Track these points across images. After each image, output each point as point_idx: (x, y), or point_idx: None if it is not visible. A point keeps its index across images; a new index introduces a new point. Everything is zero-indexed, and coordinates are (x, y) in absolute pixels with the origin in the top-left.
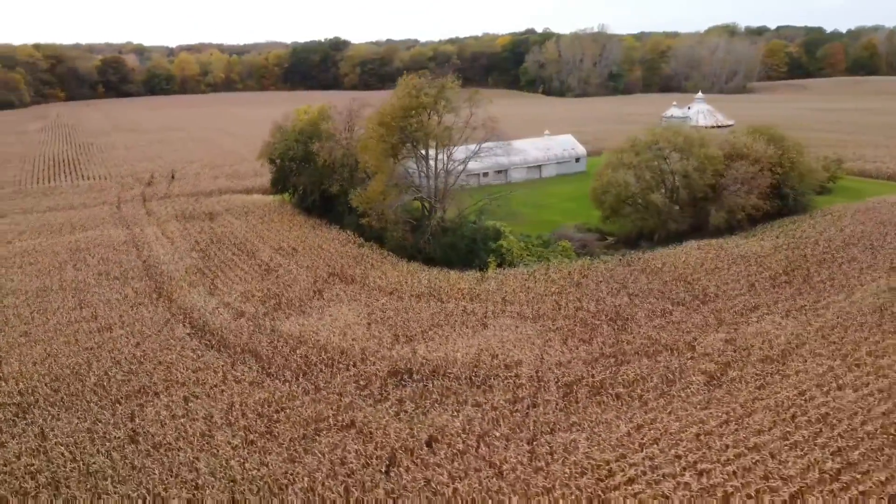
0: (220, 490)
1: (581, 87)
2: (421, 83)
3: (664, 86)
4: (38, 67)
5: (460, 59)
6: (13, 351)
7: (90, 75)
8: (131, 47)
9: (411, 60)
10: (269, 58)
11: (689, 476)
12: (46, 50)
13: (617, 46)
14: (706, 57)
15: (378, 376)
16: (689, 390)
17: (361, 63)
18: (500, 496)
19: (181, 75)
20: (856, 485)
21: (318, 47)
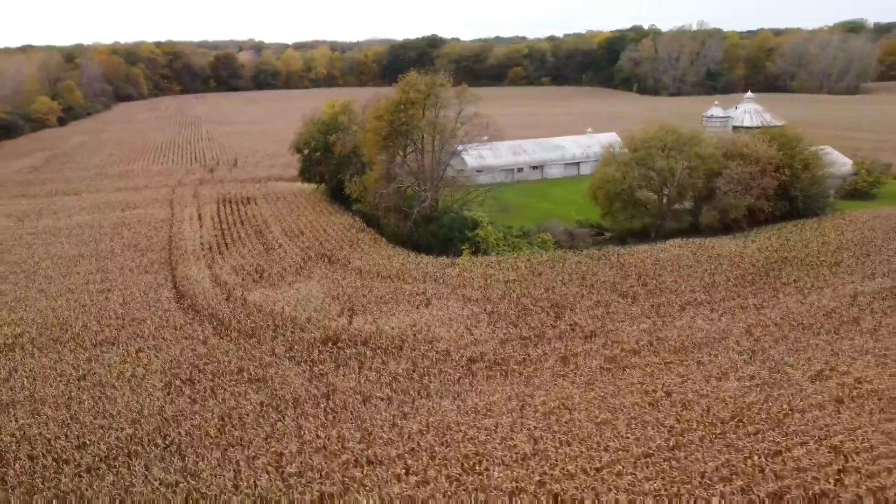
0: (128, 422)
1: (676, 85)
2: (413, 80)
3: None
4: (158, 63)
5: (555, 57)
6: (25, 303)
7: (203, 71)
8: (252, 44)
9: (505, 58)
10: (368, 54)
11: (522, 440)
12: (166, 47)
13: (718, 43)
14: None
15: (310, 341)
16: (579, 371)
17: (457, 60)
18: (349, 442)
19: (286, 71)
20: (672, 461)
21: (416, 44)
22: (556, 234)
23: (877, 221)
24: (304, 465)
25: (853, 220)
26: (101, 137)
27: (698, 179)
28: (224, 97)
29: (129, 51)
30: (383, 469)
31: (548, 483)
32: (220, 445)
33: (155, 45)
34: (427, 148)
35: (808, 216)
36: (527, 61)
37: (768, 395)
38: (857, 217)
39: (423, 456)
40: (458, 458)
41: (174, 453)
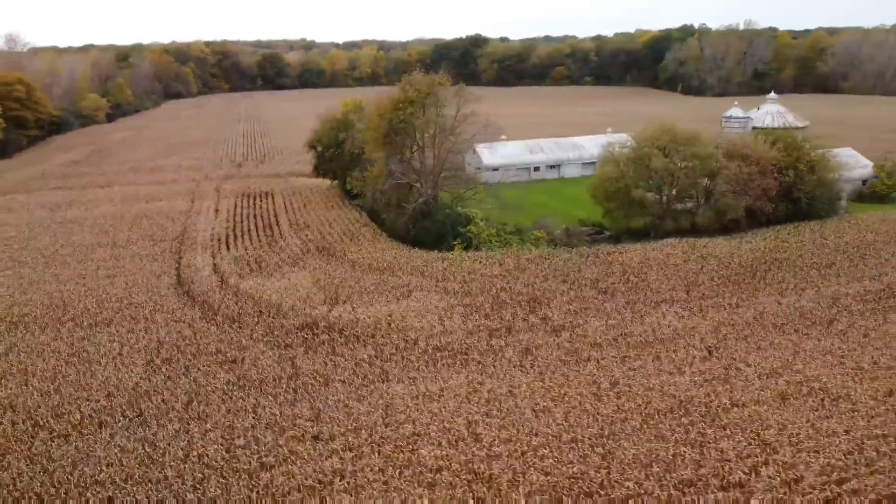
0: (103, 395)
1: (721, 85)
2: (413, 79)
3: (819, 86)
4: (207, 62)
5: (598, 57)
6: (38, 285)
7: (251, 69)
8: (303, 43)
9: (548, 57)
10: (412, 54)
11: (460, 423)
12: (215, 46)
13: (767, 43)
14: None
15: (288, 328)
16: (537, 362)
17: (499, 60)
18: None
19: (331, 70)
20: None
21: (459, 44)
22: (552, 231)
23: (883, 224)
24: (253, 438)
25: (859, 223)
26: (143, 133)
27: (696, 180)
28: (269, 95)
29: (181, 50)
30: (324, 444)
31: (472, 462)
32: (182, 419)
33: (205, 45)
34: (427, 145)
35: (813, 218)
36: (569, 61)
37: (713, 389)
38: (864, 220)
39: (363, 434)
40: (395, 438)
41: (139, 424)
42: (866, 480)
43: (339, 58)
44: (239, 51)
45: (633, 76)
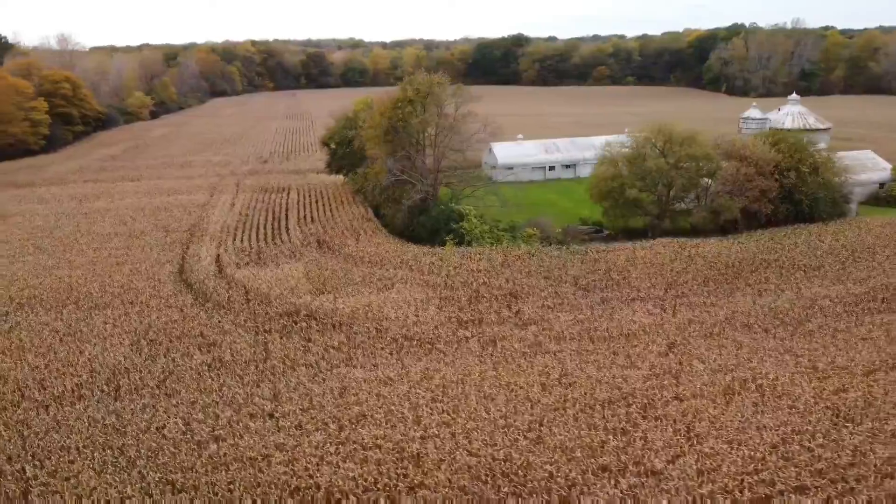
0: (87, 370)
1: (766, 86)
2: (413, 79)
3: (871, 87)
4: (253, 61)
5: (642, 56)
6: (52, 271)
7: (295, 68)
8: (351, 42)
9: (590, 57)
10: (454, 53)
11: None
12: (261, 46)
13: (815, 42)
14: None
15: (271, 315)
16: (497, 353)
17: (540, 59)
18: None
19: (374, 69)
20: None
21: (501, 43)
22: (547, 229)
23: (887, 228)
24: (212, 414)
25: (862, 226)
26: (181, 130)
27: (691, 180)
28: (311, 94)
29: (228, 50)
30: (274, 421)
31: (405, 442)
32: (154, 395)
33: (251, 44)
34: (427, 143)
35: (815, 221)
36: (612, 60)
37: (660, 383)
38: (870, 223)
39: (312, 413)
40: (341, 417)
41: (114, 398)
42: (781, 472)
43: (382, 57)
44: (284, 50)
45: (676, 76)
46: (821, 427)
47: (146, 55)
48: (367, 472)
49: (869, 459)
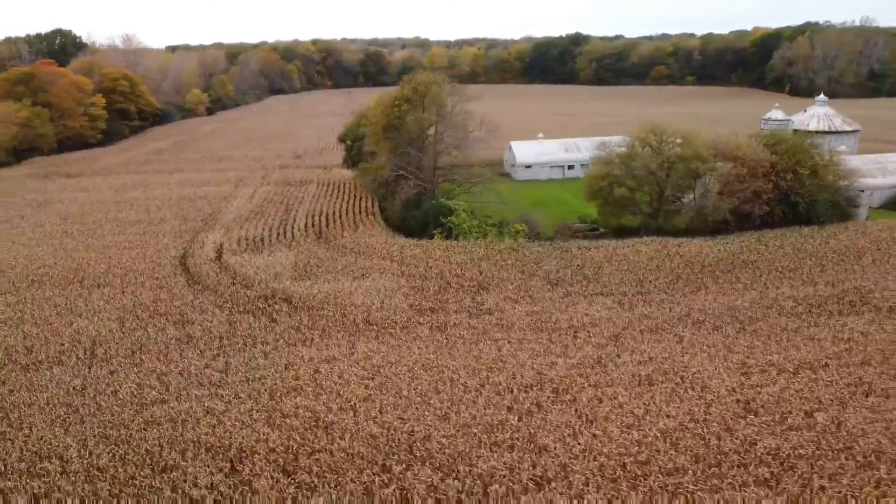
0: (69, 340)
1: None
2: (412, 78)
3: None
4: (312, 60)
5: (703, 56)
6: (68, 252)
7: (353, 67)
8: (417, 41)
9: (649, 56)
10: (511, 52)
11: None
12: (321, 45)
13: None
14: None
15: (250, 297)
16: (442, 339)
17: (598, 58)
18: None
19: (431, 67)
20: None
21: (558, 42)
22: (537, 226)
23: (886, 232)
24: (163, 380)
25: (861, 229)
26: (230, 126)
27: (682, 180)
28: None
29: (289, 49)
30: (217, 390)
31: (321, 412)
32: (121, 363)
33: (311, 43)
34: (425, 140)
35: (813, 223)
36: (671, 60)
37: (583, 372)
38: (872, 227)
39: (255, 385)
40: (275, 389)
41: (86, 365)
42: (662, 456)
43: (439, 55)
44: (344, 49)
45: (738, 76)
46: (722, 418)
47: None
48: (280, 436)
49: (755, 449)
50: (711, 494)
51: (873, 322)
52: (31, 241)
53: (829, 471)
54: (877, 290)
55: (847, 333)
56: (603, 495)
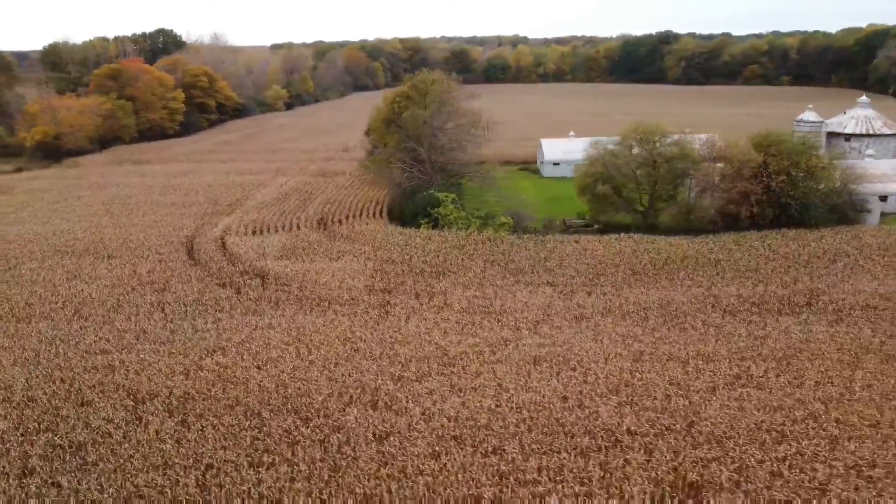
0: (61, 299)
1: None
2: (413, 77)
3: None
4: (398, 57)
5: (800, 55)
6: (99, 228)
7: (438, 64)
8: (509, 39)
9: (741, 55)
10: (599, 51)
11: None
12: (407, 43)
13: None
14: None
15: (230, 272)
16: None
17: (687, 57)
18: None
19: (516, 66)
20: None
21: (646, 41)
22: (525, 219)
23: (879, 238)
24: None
25: (848, 234)
26: (301, 121)
27: (667, 178)
28: None
29: (376, 47)
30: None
31: (238, 368)
32: (96, 321)
33: (399, 41)
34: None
35: (805, 226)
36: (766, 59)
37: (481, 350)
38: (864, 231)
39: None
40: (212, 348)
41: (67, 321)
42: (503, 423)
43: (525, 54)
44: (430, 47)
45: (838, 76)
46: (581, 395)
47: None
48: (188, 384)
49: (594, 423)
50: (525, 456)
51: (804, 323)
52: (74, 218)
53: (652, 447)
54: (828, 293)
55: (765, 332)
56: (427, 450)
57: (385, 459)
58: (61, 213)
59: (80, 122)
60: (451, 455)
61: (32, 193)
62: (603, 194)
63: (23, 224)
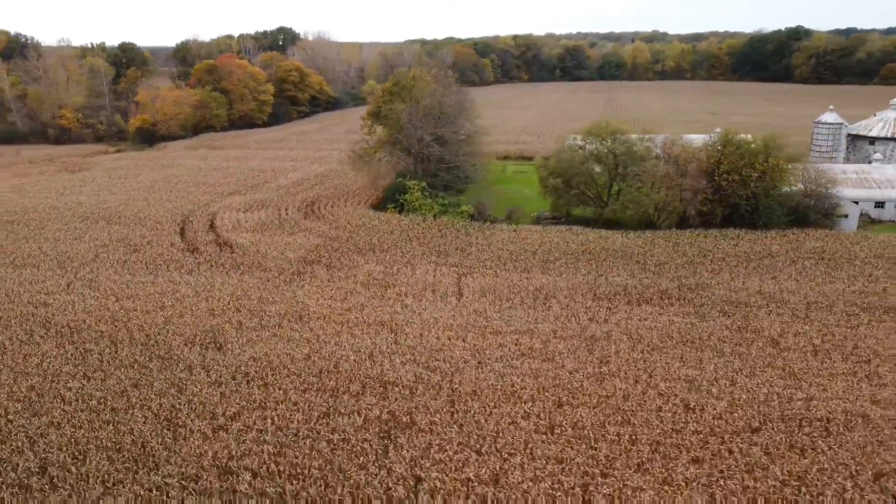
0: (56, 251)
1: None
2: (396, 74)
3: None
4: (510, 54)
5: None
6: (127, 202)
7: (550, 61)
8: (652, 35)
9: (881, 51)
10: (721, 47)
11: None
12: (520, 39)
13: None
14: None
15: (203, 239)
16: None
17: (817, 54)
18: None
19: (632, 63)
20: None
21: (774, 37)
22: (488, 209)
23: (826, 243)
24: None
25: (795, 237)
26: None
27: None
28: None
29: (488, 44)
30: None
31: (150, 311)
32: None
33: (512, 38)
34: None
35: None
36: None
37: (342, 308)
38: (816, 236)
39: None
40: (149, 296)
41: (52, 269)
42: (313, 372)
43: (642, 51)
44: (543, 43)
45: None
46: (377, 354)
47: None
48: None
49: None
50: (299, 393)
51: (662, 311)
52: (119, 192)
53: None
54: (711, 288)
55: (606, 316)
56: (218, 380)
57: (182, 385)
58: (112, 188)
59: (174, 112)
60: (237, 386)
61: (106, 171)
62: (553, 186)
63: (76, 195)
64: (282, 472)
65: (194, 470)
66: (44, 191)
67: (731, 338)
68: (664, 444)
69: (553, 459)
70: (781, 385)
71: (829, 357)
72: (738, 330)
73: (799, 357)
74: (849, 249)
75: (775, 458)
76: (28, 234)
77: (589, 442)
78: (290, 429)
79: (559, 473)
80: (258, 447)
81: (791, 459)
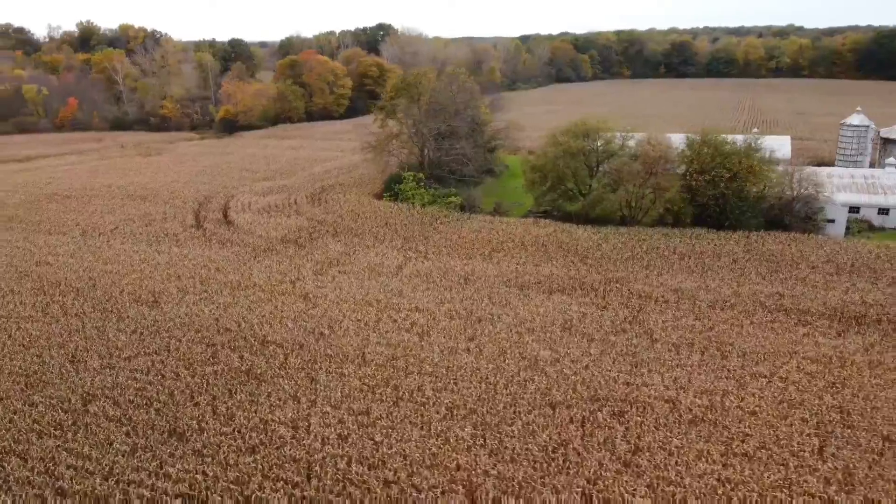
0: (75, 223)
1: None
2: (405, 72)
3: None
4: (611, 49)
5: None
6: (164, 184)
7: (654, 56)
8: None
9: None
10: (845, 42)
11: (199, 265)
12: (623, 35)
13: None
14: None
15: (210, 217)
16: (254, 258)
17: None
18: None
19: (744, 59)
20: (227, 311)
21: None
22: (477, 201)
23: (782, 247)
24: (111, 246)
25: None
26: None
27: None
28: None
29: (589, 39)
30: (125, 257)
31: (140, 279)
32: (96, 238)
33: (614, 34)
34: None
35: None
36: None
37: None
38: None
39: (122, 257)
40: (153, 262)
41: (77, 236)
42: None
43: (755, 46)
44: (647, 38)
45: None
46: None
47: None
48: (91, 278)
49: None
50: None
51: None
52: (170, 174)
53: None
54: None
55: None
56: None
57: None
58: (168, 171)
59: (252, 103)
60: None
61: (177, 156)
62: (531, 180)
63: (136, 177)
64: (140, 403)
65: None
66: (112, 171)
67: (613, 328)
68: (461, 408)
69: (356, 412)
70: (624, 371)
71: (689, 350)
72: (624, 321)
73: (663, 348)
74: (802, 254)
75: (547, 428)
76: (75, 208)
77: (396, 401)
78: (167, 369)
79: (353, 424)
80: (135, 383)
81: (567, 432)
